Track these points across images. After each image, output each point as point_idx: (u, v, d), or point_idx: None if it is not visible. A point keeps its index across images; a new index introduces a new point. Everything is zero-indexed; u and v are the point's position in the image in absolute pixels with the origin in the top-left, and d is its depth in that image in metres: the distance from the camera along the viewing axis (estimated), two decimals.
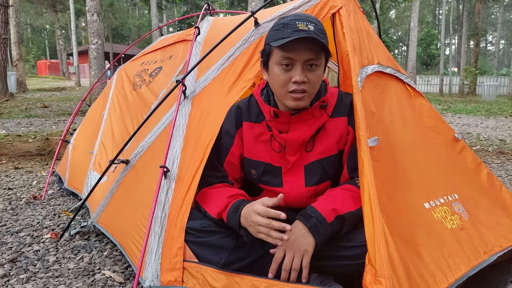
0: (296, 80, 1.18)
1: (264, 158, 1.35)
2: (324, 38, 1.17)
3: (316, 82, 1.22)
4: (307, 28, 1.15)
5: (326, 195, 1.25)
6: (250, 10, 1.57)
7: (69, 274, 1.54)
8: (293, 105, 1.23)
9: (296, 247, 1.13)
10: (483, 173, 1.66)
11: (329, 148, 1.32)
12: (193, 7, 19.95)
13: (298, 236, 1.14)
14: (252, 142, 1.37)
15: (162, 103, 1.53)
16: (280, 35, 1.17)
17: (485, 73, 23.24)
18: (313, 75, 1.20)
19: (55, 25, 26.80)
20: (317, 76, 1.21)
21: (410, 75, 12.25)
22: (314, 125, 1.29)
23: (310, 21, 1.17)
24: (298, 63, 1.18)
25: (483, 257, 1.29)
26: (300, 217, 1.17)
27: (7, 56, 10.24)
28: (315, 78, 1.20)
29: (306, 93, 1.21)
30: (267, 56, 1.25)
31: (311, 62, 1.18)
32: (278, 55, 1.19)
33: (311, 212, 1.17)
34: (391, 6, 24.94)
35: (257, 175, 1.38)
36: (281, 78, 1.20)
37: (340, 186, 1.28)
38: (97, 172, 2.15)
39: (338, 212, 1.16)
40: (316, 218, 1.14)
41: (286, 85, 1.21)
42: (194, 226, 1.24)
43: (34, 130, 5.74)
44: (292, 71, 1.19)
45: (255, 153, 1.37)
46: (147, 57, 2.45)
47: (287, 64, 1.18)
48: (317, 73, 1.20)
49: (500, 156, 4.00)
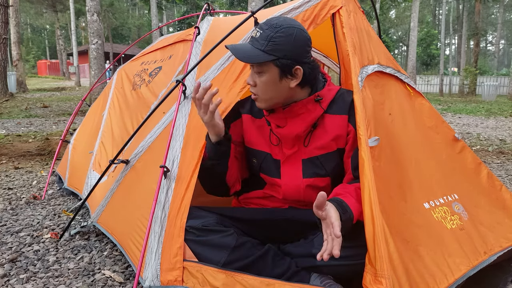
0: (246, 82, 1.29)
1: (264, 148, 1.40)
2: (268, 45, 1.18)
3: (263, 87, 1.25)
4: (255, 35, 1.22)
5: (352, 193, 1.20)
6: (250, 10, 1.57)
7: (69, 274, 1.54)
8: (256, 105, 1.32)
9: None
10: (483, 173, 1.66)
11: (328, 145, 1.32)
12: (193, 7, 19.96)
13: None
14: (254, 133, 1.42)
15: (162, 103, 1.53)
16: None
17: (485, 73, 23.25)
18: (259, 80, 1.25)
19: (55, 25, 26.81)
20: (263, 82, 1.24)
21: (410, 75, 12.25)
22: (307, 119, 1.31)
23: (262, 27, 1.22)
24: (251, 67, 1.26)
25: (483, 257, 1.29)
26: (337, 206, 1.09)
27: (7, 56, 10.25)
28: (261, 84, 1.25)
29: (257, 96, 1.28)
30: None
31: (254, 68, 1.24)
32: None
33: (346, 207, 1.12)
34: (391, 6, 24.95)
35: (258, 163, 1.41)
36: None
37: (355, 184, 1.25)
38: (97, 172, 2.15)
39: (361, 217, 1.15)
40: (349, 216, 1.11)
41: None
42: (195, 225, 1.24)
43: (34, 130, 5.74)
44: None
45: (256, 143, 1.41)
46: (147, 57, 2.45)
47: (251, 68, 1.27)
48: (262, 79, 1.24)
49: (500, 156, 4.00)
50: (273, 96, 1.27)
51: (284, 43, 1.18)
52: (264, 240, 1.30)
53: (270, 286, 1.12)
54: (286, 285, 1.12)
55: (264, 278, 1.14)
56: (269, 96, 1.27)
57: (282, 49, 1.18)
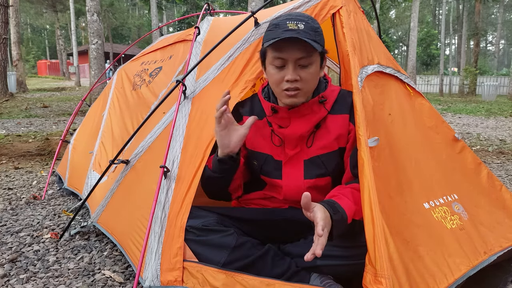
0: (288, 79, 1.21)
1: (265, 150, 1.39)
2: (316, 36, 1.19)
3: (309, 79, 1.24)
4: (297, 27, 1.17)
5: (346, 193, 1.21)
6: (250, 10, 1.57)
7: (69, 274, 1.54)
8: (289, 102, 1.27)
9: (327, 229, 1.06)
10: (483, 173, 1.66)
11: (330, 145, 1.33)
12: (193, 7, 19.95)
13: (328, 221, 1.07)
14: (254, 135, 1.40)
15: (162, 103, 1.53)
16: (272, 36, 1.20)
17: (485, 73, 23.24)
18: (306, 72, 1.22)
19: (55, 25, 26.80)
20: (310, 74, 1.23)
21: (410, 75, 12.25)
22: (312, 120, 1.31)
23: (301, 19, 1.19)
24: (289, 62, 1.21)
25: (483, 257, 1.29)
26: (327, 207, 1.09)
27: (7, 56, 10.24)
28: (308, 76, 1.23)
29: (300, 90, 1.24)
30: (263, 57, 1.29)
31: (302, 60, 1.20)
32: (271, 55, 1.23)
33: (337, 207, 1.12)
34: (391, 6, 24.93)
35: (259, 165, 1.40)
36: (275, 77, 1.24)
37: (351, 184, 1.27)
38: (97, 172, 2.15)
39: (356, 215, 1.16)
40: (342, 215, 1.11)
41: (280, 84, 1.24)
42: (195, 225, 1.24)
43: (34, 130, 5.74)
44: (284, 70, 1.22)
45: (256, 145, 1.41)
46: (147, 57, 2.45)
47: (280, 64, 1.22)
48: (310, 71, 1.22)
49: (500, 156, 4.00)
50: (313, 88, 1.29)
51: (322, 33, 1.23)
52: (264, 240, 1.30)
53: (270, 286, 1.12)
54: (286, 285, 1.12)
55: (264, 278, 1.14)
56: (311, 87, 1.28)
57: (323, 39, 1.23)
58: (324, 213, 1.04)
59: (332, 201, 1.14)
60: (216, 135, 1.24)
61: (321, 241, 0.99)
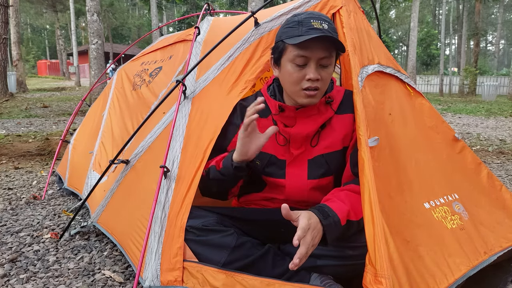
0: (310, 78, 1.20)
1: (268, 150, 1.37)
2: (337, 37, 1.20)
3: (327, 79, 1.26)
4: (322, 27, 1.17)
5: (336, 196, 1.21)
6: (250, 10, 1.57)
7: (69, 274, 1.54)
8: (306, 102, 1.26)
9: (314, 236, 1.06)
10: (483, 173, 1.66)
11: (334, 144, 1.33)
12: (193, 7, 19.96)
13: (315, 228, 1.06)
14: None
15: (162, 103, 1.53)
16: (295, 33, 1.19)
17: (485, 73, 23.25)
18: (326, 72, 1.23)
19: (55, 25, 26.81)
20: (329, 74, 1.25)
21: (410, 75, 12.24)
22: (318, 120, 1.31)
23: (324, 19, 1.20)
24: (312, 61, 1.20)
25: (483, 257, 1.29)
26: (317, 213, 1.09)
27: (7, 56, 10.25)
28: (327, 76, 1.24)
29: (318, 90, 1.24)
30: (280, 53, 1.26)
31: (324, 60, 1.21)
32: (293, 53, 1.21)
33: (328, 211, 1.12)
34: (391, 6, 24.95)
35: (261, 165, 1.39)
36: (295, 76, 1.23)
37: (347, 186, 1.27)
38: (97, 172, 2.15)
39: (350, 217, 1.16)
40: (333, 218, 1.11)
41: (300, 83, 1.23)
42: (195, 225, 1.24)
43: (34, 130, 5.74)
44: (306, 69, 1.21)
45: None
46: (147, 57, 2.45)
47: (302, 62, 1.21)
48: (329, 71, 1.24)
49: (500, 156, 4.00)
50: (327, 88, 1.29)
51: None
52: (264, 240, 1.30)
53: (270, 286, 1.12)
54: (286, 285, 1.12)
55: (264, 278, 1.14)
56: (326, 87, 1.29)
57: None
58: (307, 221, 1.04)
59: (323, 205, 1.15)
60: (238, 141, 1.22)
61: (299, 251, 1.00)
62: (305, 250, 1.01)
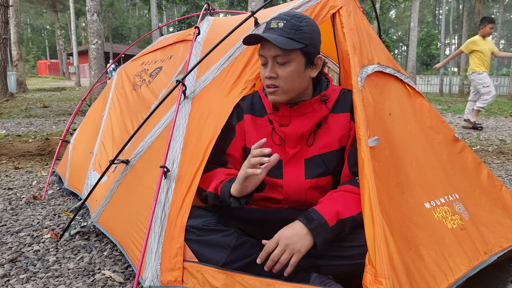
0: (265, 76, 1.26)
1: None
2: (295, 34, 1.21)
3: (287, 77, 1.25)
4: (277, 26, 1.22)
5: (329, 198, 1.23)
6: (250, 10, 1.57)
7: (69, 274, 1.54)
8: (270, 99, 1.31)
9: (290, 244, 1.12)
10: (483, 173, 1.66)
11: (331, 143, 1.33)
12: (193, 7, 19.96)
13: (295, 235, 1.13)
14: (254, 134, 1.40)
15: (162, 103, 1.53)
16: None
17: None
18: (283, 70, 1.24)
19: (55, 25, 26.80)
20: (288, 72, 1.24)
21: (410, 75, 12.25)
22: (313, 119, 1.31)
23: (284, 18, 1.24)
24: (269, 59, 1.24)
25: (483, 257, 1.29)
26: (302, 219, 1.16)
27: (7, 56, 10.24)
28: (285, 74, 1.24)
29: (278, 88, 1.26)
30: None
31: (279, 58, 1.23)
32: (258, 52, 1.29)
33: (313, 215, 1.15)
34: (391, 6, 24.93)
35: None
36: (261, 74, 1.29)
37: (342, 186, 1.28)
38: (97, 172, 2.15)
39: (340, 216, 1.16)
40: (319, 221, 1.13)
41: (264, 80, 1.29)
42: (195, 225, 1.24)
43: (34, 130, 5.74)
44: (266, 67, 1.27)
45: None
46: (147, 57, 2.45)
47: (263, 61, 1.27)
48: (288, 69, 1.24)
49: (500, 156, 3.99)
50: (296, 87, 1.28)
51: (310, 32, 1.24)
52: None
53: (270, 286, 1.12)
54: (286, 285, 1.12)
55: (264, 278, 1.14)
56: (293, 86, 1.27)
57: (309, 37, 1.23)
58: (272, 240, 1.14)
59: (310, 210, 1.18)
60: (239, 178, 1.19)
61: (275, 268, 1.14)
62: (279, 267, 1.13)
